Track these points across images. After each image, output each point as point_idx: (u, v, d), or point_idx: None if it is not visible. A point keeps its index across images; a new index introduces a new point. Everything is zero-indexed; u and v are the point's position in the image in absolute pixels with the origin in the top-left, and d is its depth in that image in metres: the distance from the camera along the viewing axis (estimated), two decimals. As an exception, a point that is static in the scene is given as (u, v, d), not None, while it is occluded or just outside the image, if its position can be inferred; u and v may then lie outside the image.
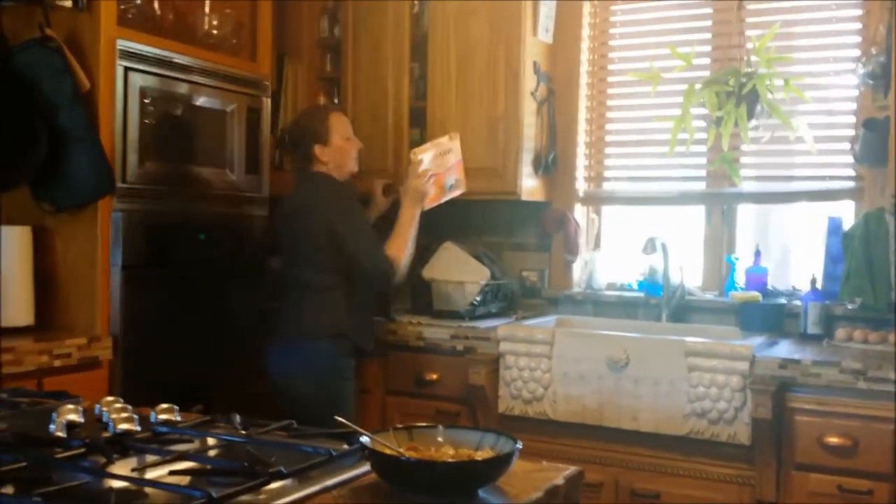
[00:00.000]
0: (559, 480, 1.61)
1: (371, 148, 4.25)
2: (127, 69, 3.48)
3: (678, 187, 4.41)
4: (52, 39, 3.35)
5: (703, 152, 4.25)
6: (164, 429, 1.79)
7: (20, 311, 3.37)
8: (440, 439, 1.65)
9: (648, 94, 4.24)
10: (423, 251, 4.24)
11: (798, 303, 3.97)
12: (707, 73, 4.15)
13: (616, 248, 4.69)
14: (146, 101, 3.56)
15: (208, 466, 1.52)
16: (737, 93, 3.83)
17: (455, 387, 3.96)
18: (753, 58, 3.89)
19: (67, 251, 3.51)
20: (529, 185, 4.36)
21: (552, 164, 4.46)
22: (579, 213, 4.62)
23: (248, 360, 3.94)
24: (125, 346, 3.49)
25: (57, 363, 3.20)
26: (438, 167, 3.87)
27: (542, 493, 1.54)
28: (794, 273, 4.29)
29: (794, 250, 4.40)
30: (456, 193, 4.00)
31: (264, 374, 3.72)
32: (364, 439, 1.56)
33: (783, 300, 4.08)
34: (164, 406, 1.91)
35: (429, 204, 3.83)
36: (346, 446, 1.66)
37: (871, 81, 3.82)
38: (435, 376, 4.02)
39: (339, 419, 1.67)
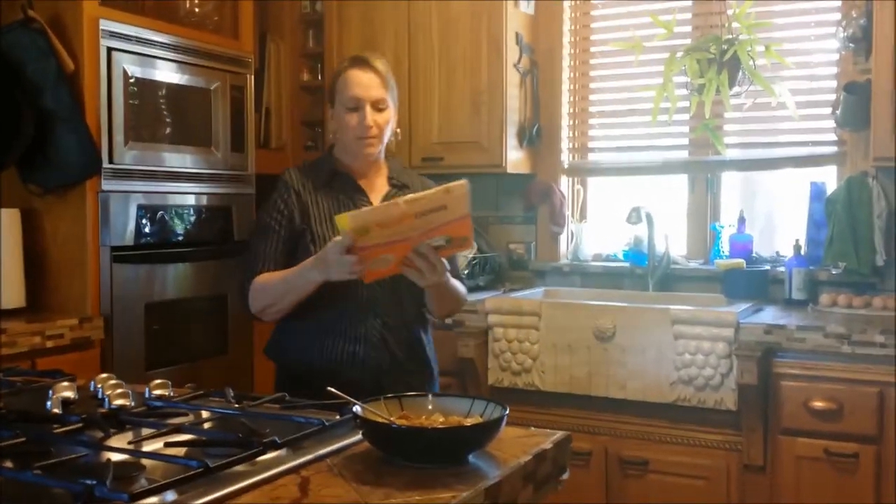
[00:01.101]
0: (547, 445, 1.64)
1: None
2: (110, 49, 3.48)
3: (662, 156, 4.43)
4: (36, 21, 3.35)
5: (685, 121, 4.27)
6: (158, 403, 1.81)
7: (12, 294, 3.38)
8: (430, 407, 1.68)
9: (631, 63, 4.25)
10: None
11: (782, 269, 4.00)
12: (688, 41, 4.16)
13: (601, 219, 4.71)
14: (130, 80, 3.56)
15: (203, 438, 1.55)
16: (718, 60, 3.85)
17: (444, 360, 3.93)
18: (734, 24, 3.91)
19: (56, 233, 3.52)
20: (514, 158, 4.38)
21: (536, 136, 4.47)
22: (564, 184, 4.64)
23: (238, 338, 3.98)
24: (116, 326, 3.50)
25: (49, 344, 3.22)
26: (411, 229, 2.28)
27: (531, 456, 1.57)
28: (779, 239, 4.32)
29: (778, 217, 4.43)
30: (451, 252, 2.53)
31: (253, 353, 3.73)
32: (356, 409, 1.59)
33: (767, 267, 4.11)
34: (158, 381, 1.93)
35: (370, 278, 2.42)
36: (338, 416, 1.68)
37: (851, 45, 3.84)
38: (424, 349, 4.03)
39: (332, 390, 1.69)
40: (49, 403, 1.79)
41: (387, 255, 2.29)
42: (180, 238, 3.81)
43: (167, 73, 3.74)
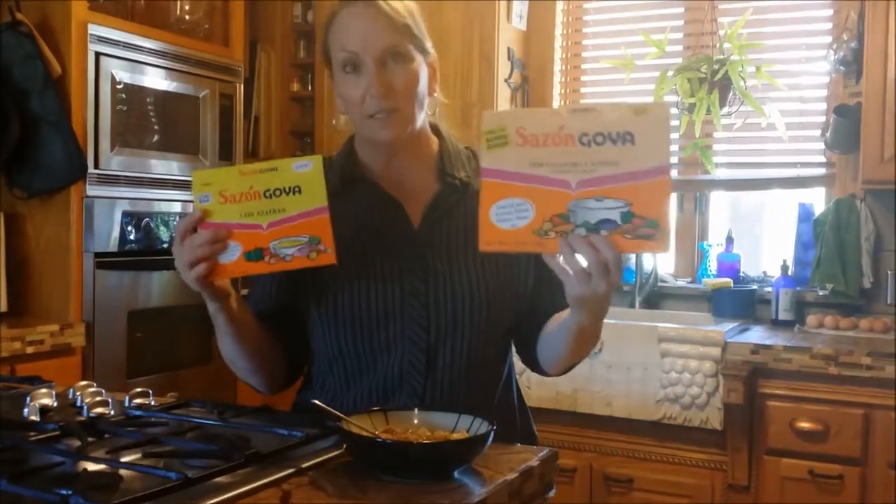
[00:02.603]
0: (534, 461, 1.62)
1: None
2: (98, 54, 3.45)
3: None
4: (23, 24, 3.32)
5: (675, 140, 4.27)
6: (138, 412, 1.78)
7: (-8, 298, 3.35)
8: (416, 422, 1.65)
9: (622, 80, 4.25)
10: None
11: (770, 289, 4.00)
12: (680, 60, 4.16)
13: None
14: (118, 86, 3.54)
15: (183, 449, 1.52)
16: (709, 80, 3.85)
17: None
18: (726, 45, 3.92)
19: (40, 237, 3.48)
20: (504, 172, 4.35)
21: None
22: (553, 200, 4.62)
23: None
24: (98, 333, 3.47)
25: (30, 350, 3.18)
26: (259, 212, 1.64)
27: (517, 473, 1.54)
28: (766, 259, 4.32)
29: (765, 237, 4.43)
30: (296, 265, 1.67)
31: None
32: (339, 422, 1.56)
33: (755, 286, 4.10)
34: (138, 390, 1.90)
35: (201, 276, 1.65)
36: (321, 429, 1.66)
37: (842, 68, 3.85)
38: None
39: (316, 402, 1.66)
40: (26, 410, 1.76)
41: (233, 243, 1.64)
42: (165, 245, 3.77)
43: (156, 80, 3.71)
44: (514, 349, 2.00)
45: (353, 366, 1.85)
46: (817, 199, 4.11)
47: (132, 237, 3.62)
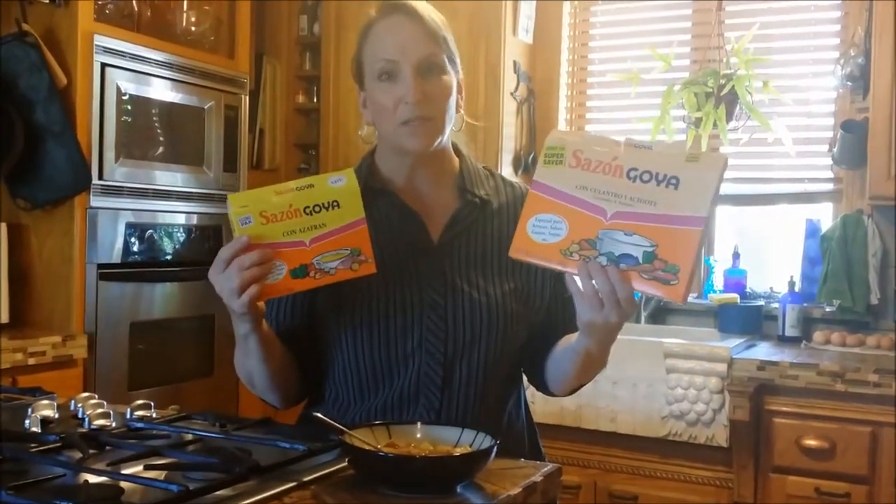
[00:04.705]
0: (537, 477, 1.60)
1: (360, 149, 4.20)
2: (104, 65, 3.45)
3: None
4: (29, 35, 3.32)
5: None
6: (139, 424, 1.77)
7: (-6, 309, 3.34)
8: (419, 436, 1.64)
9: (628, 94, 4.24)
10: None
11: (776, 305, 3.98)
12: (686, 75, 4.15)
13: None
14: (123, 97, 3.53)
15: (184, 461, 1.50)
16: (716, 94, 3.84)
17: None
18: (733, 59, 3.91)
19: (43, 248, 3.48)
20: (509, 186, 4.35)
21: (532, 164, 4.46)
22: (558, 214, 4.61)
23: (224, 361, 3.92)
24: (100, 345, 3.45)
25: (31, 361, 3.17)
26: (301, 229, 1.64)
27: (520, 489, 1.53)
28: (773, 275, 4.30)
29: (772, 252, 4.41)
30: (340, 278, 1.67)
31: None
32: (342, 435, 1.55)
33: (761, 302, 4.09)
34: (140, 402, 1.88)
35: (252, 299, 1.61)
36: (323, 442, 1.64)
37: (849, 83, 3.84)
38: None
39: (318, 415, 1.65)
40: (28, 422, 1.75)
41: (279, 262, 1.63)
42: (168, 257, 3.76)
43: (161, 91, 3.71)
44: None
45: (368, 378, 1.83)
46: (824, 215, 4.09)
47: (136, 248, 3.60)
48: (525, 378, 2.02)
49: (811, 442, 3.29)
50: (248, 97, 4.19)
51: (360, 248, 1.66)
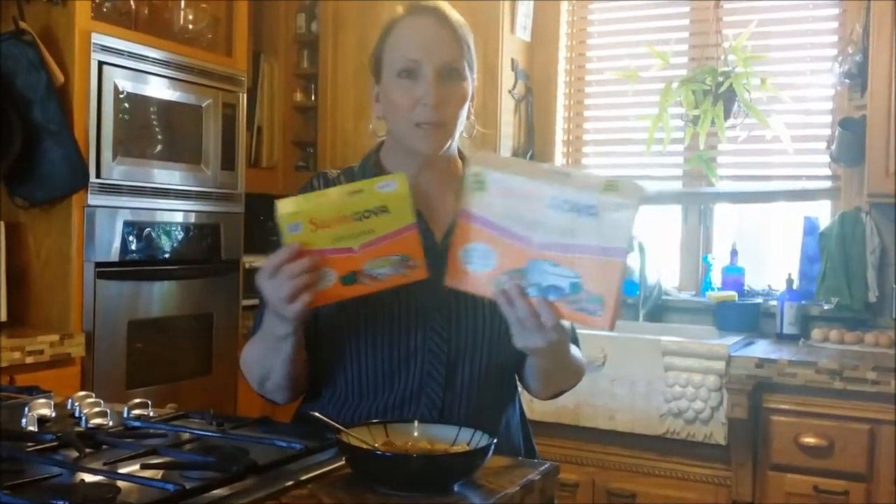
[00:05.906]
0: (535, 475, 1.60)
1: (358, 147, 4.19)
2: (101, 63, 3.45)
3: (655, 186, 4.41)
4: (27, 33, 3.31)
5: (679, 151, 4.26)
6: (136, 423, 1.77)
7: (-8, 308, 3.33)
8: (416, 434, 1.64)
9: (626, 92, 4.24)
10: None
11: (774, 303, 3.98)
12: (684, 72, 4.15)
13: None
14: (121, 95, 3.53)
15: (181, 460, 1.50)
16: (714, 91, 3.84)
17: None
18: (731, 56, 3.90)
19: (41, 247, 3.47)
20: (507, 184, 4.34)
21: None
22: (556, 212, 4.60)
23: (222, 360, 3.92)
24: (98, 343, 3.45)
25: (29, 360, 3.16)
26: (351, 235, 1.62)
27: (518, 487, 1.53)
28: (771, 273, 4.29)
29: (770, 250, 4.41)
30: (391, 284, 1.68)
31: (237, 374, 3.68)
32: (338, 434, 1.55)
33: (759, 300, 4.09)
34: (137, 401, 1.88)
35: (304, 307, 1.62)
36: (320, 441, 1.64)
37: (847, 81, 3.83)
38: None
39: (314, 414, 1.65)
40: (24, 420, 1.75)
41: (328, 269, 1.62)
42: (167, 255, 3.76)
43: (159, 89, 3.71)
44: None
45: (371, 377, 1.84)
46: (822, 212, 4.09)
47: (133, 247, 3.60)
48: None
49: (809, 439, 3.29)
50: (245, 95, 4.18)
51: (411, 254, 1.65)
